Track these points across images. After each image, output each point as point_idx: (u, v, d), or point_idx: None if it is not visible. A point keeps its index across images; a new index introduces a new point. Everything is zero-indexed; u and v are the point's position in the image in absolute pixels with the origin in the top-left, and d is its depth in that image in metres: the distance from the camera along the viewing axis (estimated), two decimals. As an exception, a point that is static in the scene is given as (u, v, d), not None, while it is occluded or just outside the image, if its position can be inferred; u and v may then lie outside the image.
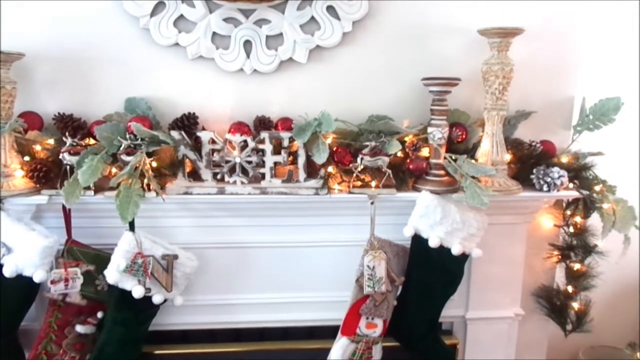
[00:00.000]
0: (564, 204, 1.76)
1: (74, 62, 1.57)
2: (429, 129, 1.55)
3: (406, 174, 1.58)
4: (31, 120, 1.51)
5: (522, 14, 1.65)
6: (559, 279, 1.84)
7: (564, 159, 1.66)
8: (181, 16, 1.56)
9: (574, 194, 1.62)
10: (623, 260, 1.62)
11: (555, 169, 1.58)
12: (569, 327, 1.82)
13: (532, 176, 1.60)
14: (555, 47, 1.69)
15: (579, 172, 1.65)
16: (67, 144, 1.45)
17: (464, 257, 1.57)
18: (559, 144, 1.70)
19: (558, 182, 1.56)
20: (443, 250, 1.54)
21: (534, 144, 1.64)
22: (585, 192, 1.63)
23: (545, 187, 1.57)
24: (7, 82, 1.43)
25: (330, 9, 1.59)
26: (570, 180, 1.62)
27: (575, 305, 1.80)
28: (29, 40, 1.54)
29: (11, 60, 1.44)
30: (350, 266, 1.57)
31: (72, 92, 1.59)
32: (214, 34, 1.58)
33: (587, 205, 1.66)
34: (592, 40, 1.89)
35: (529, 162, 1.63)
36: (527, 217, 1.71)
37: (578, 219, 1.73)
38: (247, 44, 1.60)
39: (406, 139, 1.59)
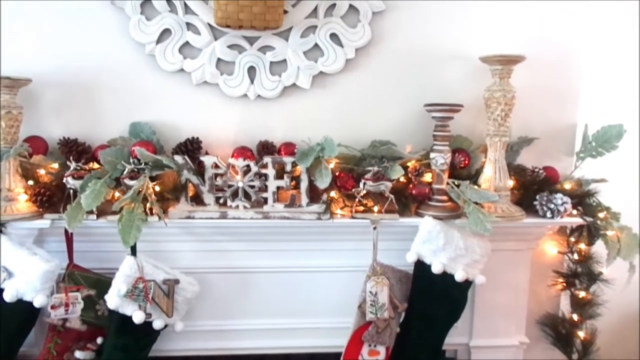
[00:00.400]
0: (568, 231, 1.75)
1: (80, 87, 1.59)
2: (432, 155, 1.56)
3: (409, 200, 1.58)
4: (36, 144, 1.53)
5: (523, 42, 1.67)
6: (564, 306, 1.82)
7: (567, 186, 1.66)
8: (186, 43, 1.59)
9: (578, 220, 1.62)
10: (628, 288, 1.60)
11: (559, 195, 1.57)
12: (575, 356, 1.79)
13: (536, 202, 1.59)
14: (557, 74, 1.70)
15: (582, 199, 1.65)
16: (71, 168, 1.46)
17: (468, 283, 1.56)
18: (562, 170, 1.70)
19: (561, 209, 1.56)
20: (446, 277, 1.53)
21: (536, 170, 1.64)
22: (589, 219, 1.62)
23: (548, 214, 1.57)
24: (14, 107, 1.44)
25: (334, 37, 1.62)
26: (574, 206, 1.62)
27: (581, 334, 1.77)
28: (36, 66, 1.56)
29: (18, 85, 1.46)
30: (353, 292, 1.56)
31: (77, 117, 1.60)
32: (219, 60, 1.61)
33: (591, 232, 1.65)
34: (594, 67, 1.90)
35: (532, 189, 1.62)
36: (530, 243, 1.70)
37: (582, 246, 1.71)
38: (251, 70, 1.62)
39: (409, 164, 1.59)
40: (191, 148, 1.56)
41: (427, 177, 1.59)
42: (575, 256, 1.74)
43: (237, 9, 1.46)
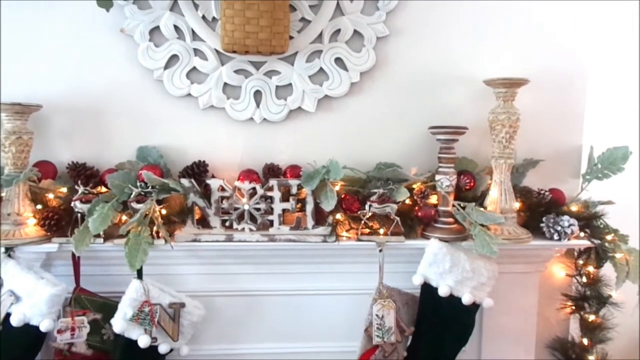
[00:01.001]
0: (576, 253, 1.73)
1: (89, 112, 1.62)
2: (437, 177, 1.56)
3: (415, 222, 1.58)
4: (45, 169, 1.55)
5: (527, 64, 1.68)
6: (574, 330, 1.79)
7: (574, 208, 1.65)
8: (194, 68, 1.62)
9: (586, 243, 1.61)
10: (638, 312, 1.58)
11: (565, 217, 1.57)
12: (586, 380, 1.76)
13: (542, 224, 1.59)
14: (561, 96, 1.71)
15: (589, 221, 1.63)
16: (79, 192, 1.47)
17: (475, 307, 1.55)
18: (568, 192, 1.70)
19: (568, 231, 1.55)
20: (453, 300, 1.51)
21: (542, 192, 1.64)
22: (597, 242, 1.61)
23: (555, 236, 1.56)
24: (24, 133, 1.47)
25: (338, 61, 1.64)
26: (581, 229, 1.61)
27: (592, 358, 1.74)
28: (47, 91, 1.59)
29: (29, 111, 1.49)
30: (359, 315, 1.55)
31: (86, 142, 1.63)
32: (225, 84, 1.63)
33: (599, 255, 1.63)
34: (598, 89, 1.90)
35: (538, 211, 1.62)
36: (538, 266, 1.69)
37: (591, 269, 1.70)
38: (257, 94, 1.64)
39: (414, 186, 1.60)
40: (198, 171, 1.58)
41: (433, 199, 1.59)
42: (584, 279, 1.72)
43: (243, 35, 1.48)
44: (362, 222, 1.54)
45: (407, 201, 1.58)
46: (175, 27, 1.59)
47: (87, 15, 1.57)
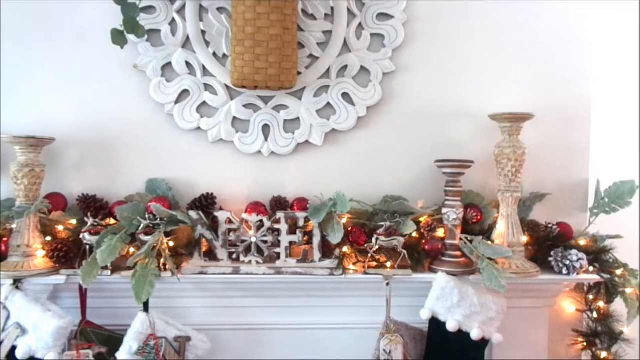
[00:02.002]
0: (586, 288, 1.71)
1: (100, 145, 1.65)
2: (444, 210, 1.57)
3: (422, 255, 1.58)
4: (56, 201, 1.57)
5: (532, 99, 1.70)
6: (586, 367, 1.76)
7: (582, 242, 1.64)
8: (204, 102, 1.65)
9: (595, 277, 1.59)
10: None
11: (574, 251, 1.56)
12: (600, 420, 1.71)
13: (551, 259, 1.58)
14: (566, 130, 1.73)
15: (598, 255, 1.63)
16: (88, 224, 1.49)
17: (484, 342, 1.52)
18: (576, 226, 1.69)
19: (577, 265, 1.54)
20: (462, 335, 1.49)
21: (550, 225, 1.64)
22: (607, 276, 1.60)
23: (564, 270, 1.55)
24: (37, 165, 1.50)
25: (345, 96, 1.67)
26: (590, 263, 1.60)
27: (606, 396, 1.70)
28: (60, 125, 1.63)
29: (42, 144, 1.52)
30: (366, 350, 1.53)
31: (97, 174, 1.65)
32: (234, 118, 1.66)
33: (609, 290, 1.62)
34: (602, 123, 1.92)
35: (546, 244, 1.61)
36: (547, 301, 1.67)
37: (601, 304, 1.67)
38: (266, 128, 1.67)
39: (421, 219, 1.60)
40: (206, 203, 1.59)
41: (440, 233, 1.59)
42: (595, 314, 1.70)
43: (253, 71, 1.52)
44: (369, 255, 1.54)
45: (414, 234, 1.58)
46: (187, 63, 1.64)
47: (101, 51, 1.62)
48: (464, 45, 1.70)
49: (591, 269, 1.61)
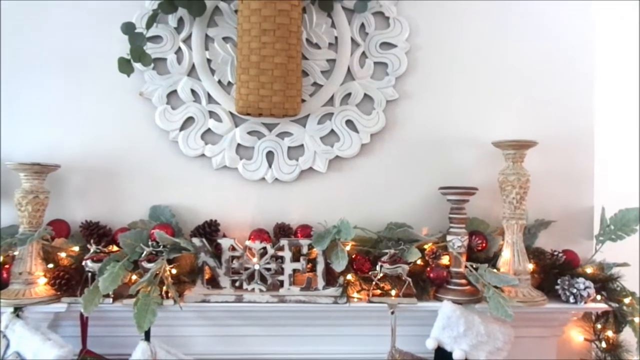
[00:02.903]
0: (594, 317, 1.69)
1: (105, 172, 1.66)
2: (449, 237, 1.55)
3: (427, 283, 1.56)
4: (59, 228, 1.57)
5: (535, 126, 1.71)
6: (596, 399, 1.71)
7: (589, 270, 1.62)
8: (208, 129, 1.66)
9: (603, 306, 1.57)
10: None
11: (581, 279, 1.54)
12: None
13: (557, 287, 1.56)
14: (570, 157, 1.73)
15: (605, 284, 1.61)
16: (91, 251, 1.48)
17: (491, 373, 1.49)
18: (582, 253, 1.68)
19: (584, 294, 1.52)
20: (469, 366, 1.47)
21: (556, 253, 1.62)
22: (615, 305, 1.57)
23: (571, 299, 1.53)
24: (41, 192, 1.50)
25: (349, 123, 1.69)
26: (597, 291, 1.58)
27: None
28: (65, 151, 1.64)
29: (47, 171, 1.52)
30: (371, 381, 1.51)
31: (101, 201, 1.65)
32: (239, 145, 1.67)
33: (617, 319, 1.59)
34: (607, 150, 1.92)
35: (552, 272, 1.60)
36: (555, 330, 1.64)
37: (610, 334, 1.64)
38: (270, 155, 1.68)
39: (425, 246, 1.59)
40: (209, 230, 1.59)
41: (445, 260, 1.58)
42: (603, 344, 1.66)
43: (257, 99, 1.53)
44: (373, 283, 1.52)
45: (419, 262, 1.56)
46: (192, 91, 1.66)
47: (108, 79, 1.64)
48: (466, 73, 1.72)
49: (599, 297, 1.59)
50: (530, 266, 1.57)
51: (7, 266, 1.48)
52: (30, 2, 1.64)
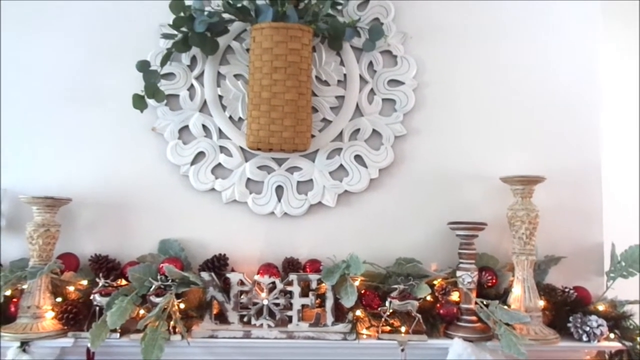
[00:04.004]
0: (607, 356, 1.65)
1: (115, 205, 1.67)
2: (458, 273, 1.55)
3: (437, 319, 1.54)
4: (68, 261, 1.57)
5: (542, 162, 1.72)
6: None
7: (601, 307, 1.61)
8: (219, 164, 1.68)
9: (617, 345, 1.54)
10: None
11: (593, 317, 1.52)
12: None
13: (570, 325, 1.54)
14: (578, 193, 1.74)
15: (618, 321, 1.58)
16: (100, 285, 1.48)
17: (504, 413, 1.46)
18: (593, 290, 1.66)
19: (598, 332, 1.49)
20: (480, 406, 1.43)
21: (567, 290, 1.61)
22: (628, 344, 1.54)
23: (584, 337, 1.50)
24: (52, 225, 1.51)
25: (358, 158, 1.70)
26: (610, 329, 1.55)
27: None
28: (76, 185, 1.66)
29: (59, 205, 1.54)
30: (381, 422, 1.47)
31: (110, 234, 1.66)
32: (248, 179, 1.69)
33: (631, 358, 1.56)
34: (614, 186, 1.93)
35: (563, 310, 1.58)
36: (568, 369, 1.61)
37: (625, 373, 1.61)
38: (279, 189, 1.69)
39: (435, 282, 1.58)
40: (218, 264, 1.58)
41: (455, 296, 1.56)
42: (619, 384, 1.63)
43: (268, 134, 1.56)
44: (383, 319, 1.50)
45: (429, 298, 1.55)
46: (204, 126, 1.69)
47: (121, 114, 1.68)
48: (473, 110, 1.75)
49: (612, 335, 1.56)
50: (542, 303, 1.55)
51: (15, 300, 1.48)
52: (47, 38, 1.70)
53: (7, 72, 1.68)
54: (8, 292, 1.48)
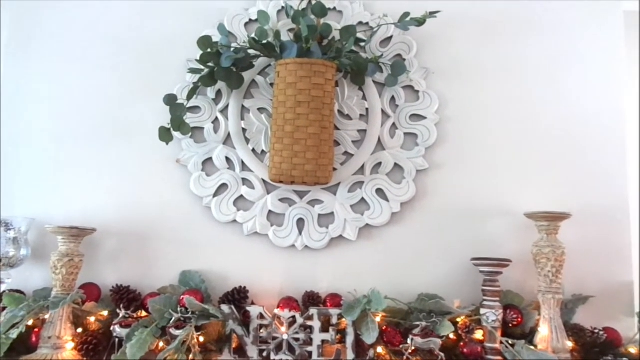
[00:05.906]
0: (641, 402, 1.59)
1: (138, 236, 1.68)
2: (482, 311, 1.51)
3: (460, 359, 1.50)
4: (90, 291, 1.57)
5: (568, 198, 1.69)
6: None
7: (632, 350, 1.54)
8: (241, 196, 1.69)
9: (650, 390, 1.48)
10: None
11: (625, 360, 1.47)
12: None
13: (601, 368, 1.48)
14: (606, 230, 1.70)
15: (652, 365, 1.52)
16: (120, 316, 1.48)
17: None
18: (624, 331, 1.60)
19: (630, 376, 1.44)
20: None
21: (596, 331, 1.55)
22: (664, 390, 1.48)
23: (616, 381, 1.45)
24: (76, 255, 1.52)
25: (379, 191, 1.70)
26: (643, 373, 1.49)
27: None
28: (101, 215, 1.67)
29: (84, 235, 1.56)
30: None
31: (132, 265, 1.67)
32: (270, 212, 1.69)
33: (666, 404, 1.49)
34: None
35: (593, 351, 1.52)
36: (599, 414, 1.54)
37: (658, 420, 1.54)
38: (300, 222, 1.69)
39: (458, 320, 1.54)
40: (238, 297, 1.57)
41: (479, 335, 1.52)
42: None
43: (290, 167, 1.57)
44: (405, 357, 1.47)
45: (452, 336, 1.51)
46: (227, 159, 1.71)
47: (146, 146, 1.71)
48: (497, 144, 1.74)
49: (645, 380, 1.50)
50: (570, 344, 1.50)
51: (36, 330, 1.48)
52: (77, 71, 1.75)
53: (36, 104, 1.73)
54: (30, 322, 1.49)
